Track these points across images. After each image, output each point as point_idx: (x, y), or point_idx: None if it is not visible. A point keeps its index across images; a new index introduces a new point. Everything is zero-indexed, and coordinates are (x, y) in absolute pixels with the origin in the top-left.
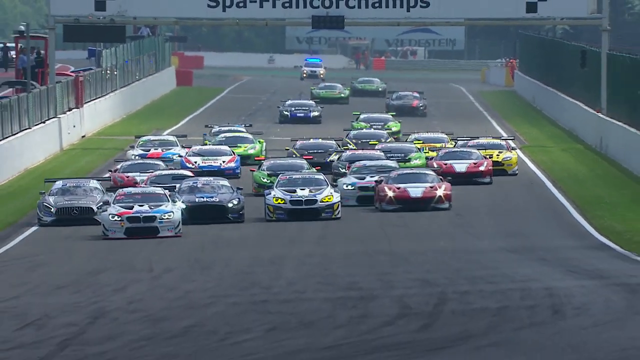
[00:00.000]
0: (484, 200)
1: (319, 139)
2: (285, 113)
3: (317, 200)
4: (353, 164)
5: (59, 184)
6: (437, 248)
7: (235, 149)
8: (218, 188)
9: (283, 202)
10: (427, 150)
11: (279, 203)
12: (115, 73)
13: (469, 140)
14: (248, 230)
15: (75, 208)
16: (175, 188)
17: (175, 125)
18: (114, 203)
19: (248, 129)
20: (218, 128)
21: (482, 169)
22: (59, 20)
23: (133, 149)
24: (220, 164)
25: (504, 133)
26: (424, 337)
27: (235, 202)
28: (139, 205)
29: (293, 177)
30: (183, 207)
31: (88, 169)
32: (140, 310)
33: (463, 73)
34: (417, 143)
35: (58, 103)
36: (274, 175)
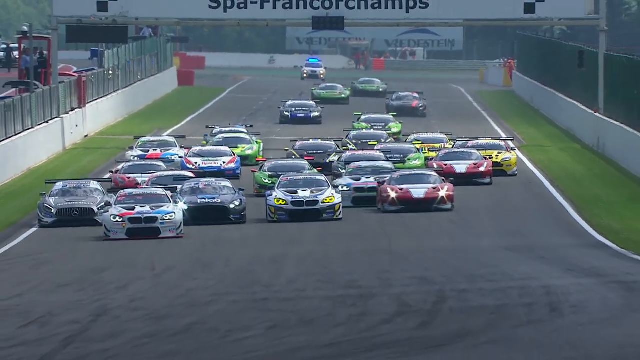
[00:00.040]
0: (483, 200)
1: (319, 140)
2: (286, 113)
3: (318, 201)
4: (348, 165)
5: (60, 185)
6: (436, 247)
7: (233, 150)
8: (220, 189)
9: (284, 203)
10: (426, 151)
11: (281, 204)
12: (117, 73)
13: (468, 141)
14: (249, 230)
15: (76, 209)
16: (177, 189)
17: (177, 125)
18: (116, 204)
19: (249, 130)
20: (219, 129)
21: (482, 170)
22: (62, 21)
23: (132, 150)
24: (221, 165)
25: (503, 133)
26: (423, 334)
27: (237, 203)
28: (141, 206)
29: (294, 178)
30: (185, 208)
31: (90, 169)
32: (143, 308)
33: (462, 73)
34: (416, 143)
35: (61, 103)
36: (276, 176)
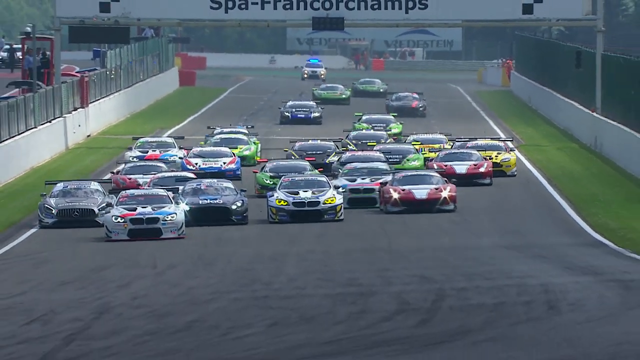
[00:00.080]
0: (482, 199)
1: (318, 140)
2: (286, 114)
3: (319, 202)
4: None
5: (60, 186)
6: (436, 246)
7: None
8: (222, 190)
9: (286, 203)
10: (425, 151)
11: (282, 205)
12: (119, 73)
13: (467, 142)
14: (250, 231)
15: (77, 210)
16: (179, 190)
17: (179, 125)
18: (117, 205)
19: (250, 130)
20: (220, 129)
21: (482, 171)
22: (65, 22)
23: (131, 151)
24: (221, 166)
25: (501, 133)
26: (422, 332)
27: (239, 204)
28: (142, 207)
29: (296, 178)
30: (187, 209)
31: (93, 168)
32: (144, 306)
33: (460, 73)
34: (415, 144)
35: (63, 103)
36: (277, 177)
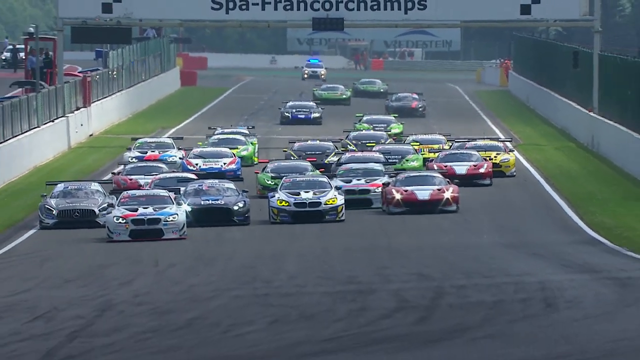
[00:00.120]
0: (481, 198)
1: (317, 141)
2: (287, 114)
3: (321, 203)
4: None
5: (61, 187)
6: (435, 244)
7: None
8: (223, 191)
9: (287, 204)
10: (424, 152)
11: (283, 205)
12: (122, 73)
13: (466, 142)
14: (251, 231)
15: (77, 210)
16: (180, 191)
17: (180, 124)
18: (119, 205)
19: (251, 131)
20: (221, 129)
21: (482, 171)
22: (67, 23)
23: (130, 151)
24: (221, 166)
25: (500, 132)
26: (421, 329)
27: (241, 204)
28: (144, 208)
29: (297, 179)
30: (188, 209)
31: (95, 167)
32: (146, 303)
33: (459, 73)
34: (414, 144)
35: (66, 102)
36: (278, 178)
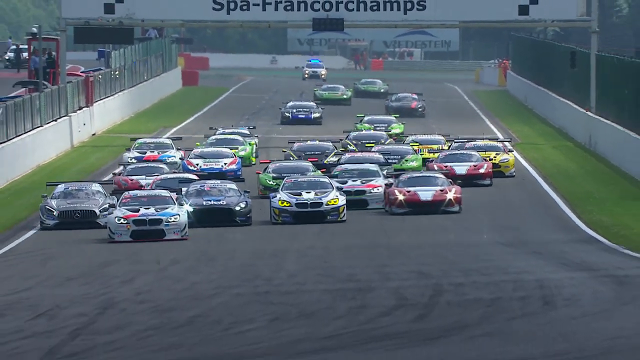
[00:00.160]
0: (480, 197)
1: (316, 141)
2: (287, 114)
3: (322, 203)
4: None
5: (62, 187)
6: (434, 242)
7: None
8: (225, 191)
9: (289, 205)
10: (424, 152)
11: (285, 206)
12: (124, 73)
13: (466, 142)
14: (252, 231)
15: (78, 211)
16: (182, 191)
17: (182, 124)
18: (120, 206)
19: (252, 131)
20: (222, 130)
21: (482, 172)
22: (70, 23)
23: (129, 152)
24: (222, 166)
25: (498, 132)
26: (420, 327)
27: (243, 205)
28: (145, 208)
29: (298, 179)
30: (190, 210)
31: (98, 166)
32: (148, 301)
33: (458, 73)
34: (414, 145)
35: (69, 102)
36: (280, 178)
